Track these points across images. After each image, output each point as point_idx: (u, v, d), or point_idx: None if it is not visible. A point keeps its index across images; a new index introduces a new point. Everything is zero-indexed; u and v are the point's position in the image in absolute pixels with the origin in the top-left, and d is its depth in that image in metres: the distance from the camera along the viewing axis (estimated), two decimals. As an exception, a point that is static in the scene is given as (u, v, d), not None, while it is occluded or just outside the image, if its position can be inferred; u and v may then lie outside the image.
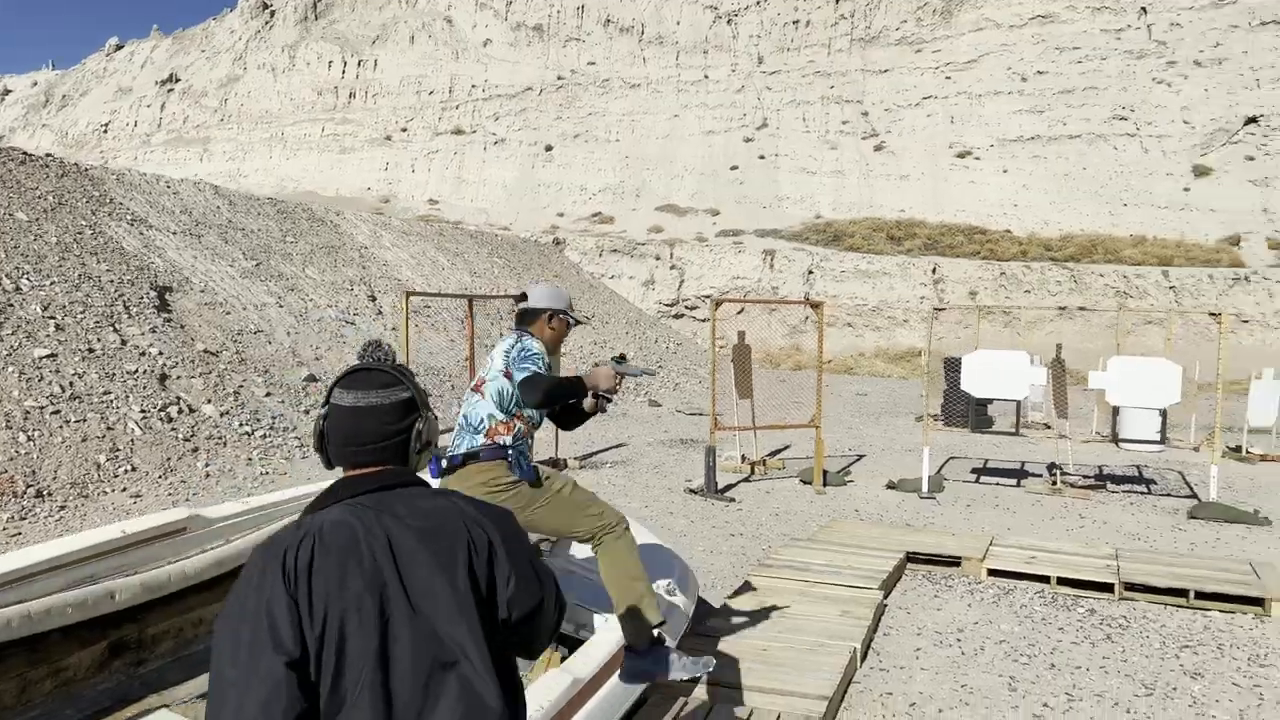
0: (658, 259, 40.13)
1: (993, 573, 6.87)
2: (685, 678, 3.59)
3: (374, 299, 18.35)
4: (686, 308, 38.98)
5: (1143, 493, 10.49)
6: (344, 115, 53.91)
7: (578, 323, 3.89)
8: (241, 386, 12.51)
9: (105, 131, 57.96)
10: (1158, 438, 11.53)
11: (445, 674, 1.59)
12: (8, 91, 72.99)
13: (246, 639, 1.52)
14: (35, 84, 71.56)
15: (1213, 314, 9.34)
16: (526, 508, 3.44)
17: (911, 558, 7.17)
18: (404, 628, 1.59)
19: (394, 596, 1.60)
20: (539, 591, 1.74)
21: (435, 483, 3.31)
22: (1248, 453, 12.96)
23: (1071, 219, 39.38)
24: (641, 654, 3.50)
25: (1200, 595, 6.33)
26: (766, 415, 16.02)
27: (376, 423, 1.76)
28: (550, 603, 1.78)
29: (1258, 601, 6.23)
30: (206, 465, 10.26)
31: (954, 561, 7.04)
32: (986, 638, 5.67)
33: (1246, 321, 31.96)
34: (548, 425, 3.99)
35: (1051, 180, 41.04)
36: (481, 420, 3.45)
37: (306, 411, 12.74)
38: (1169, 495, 10.37)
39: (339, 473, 1.80)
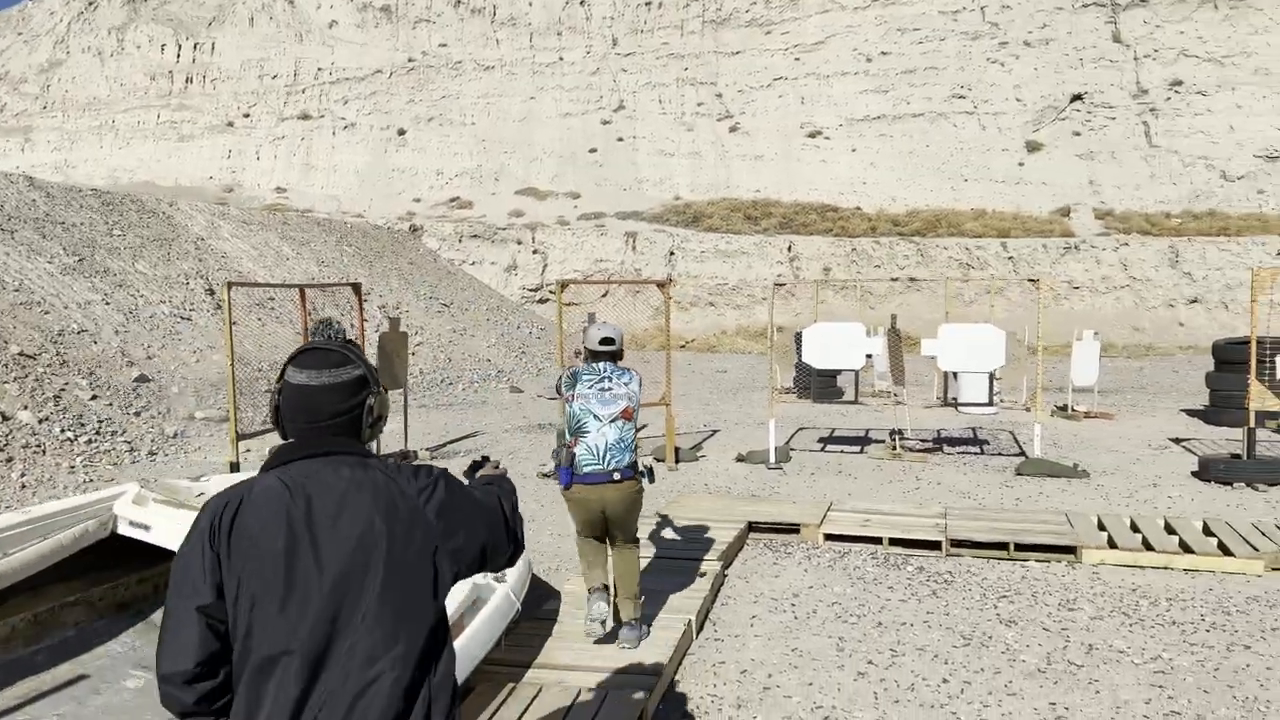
0: (519, 243, 39.75)
1: (829, 537, 7.06)
2: (635, 643, 4.77)
3: (212, 293, 17.49)
4: (551, 292, 38.69)
5: (976, 453, 11.00)
6: (181, 101, 51.16)
7: None
8: (63, 390, 11.72)
9: (-88, 121, 53.29)
10: (988, 400, 12.12)
11: (345, 632, 1.81)
12: None
13: (178, 583, 1.83)
14: None
15: (1032, 280, 9.83)
16: (639, 500, 4.86)
17: (753, 527, 7.30)
18: (308, 581, 1.81)
19: (303, 552, 1.81)
20: (482, 531, 2.00)
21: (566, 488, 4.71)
22: (1073, 411, 13.76)
23: (917, 195, 40.90)
24: (633, 626, 4.79)
25: (1019, 547, 6.66)
26: (624, 396, 16.08)
27: (330, 401, 1.94)
28: (497, 536, 2.04)
29: (1070, 550, 6.59)
30: (22, 475, 9.57)
31: (793, 529, 7.20)
32: (820, 601, 5.82)
33: (1077, 288, 33.97)
34: (396, 417, 4.45)
35: (897, 158, 42.50)
36: (632, 441, 4.71)
37: (137, 414, 12.05)
38: (1000, 454, 10.91)
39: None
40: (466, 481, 2.20)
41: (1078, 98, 41.02)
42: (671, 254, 38.56)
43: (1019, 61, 42.15)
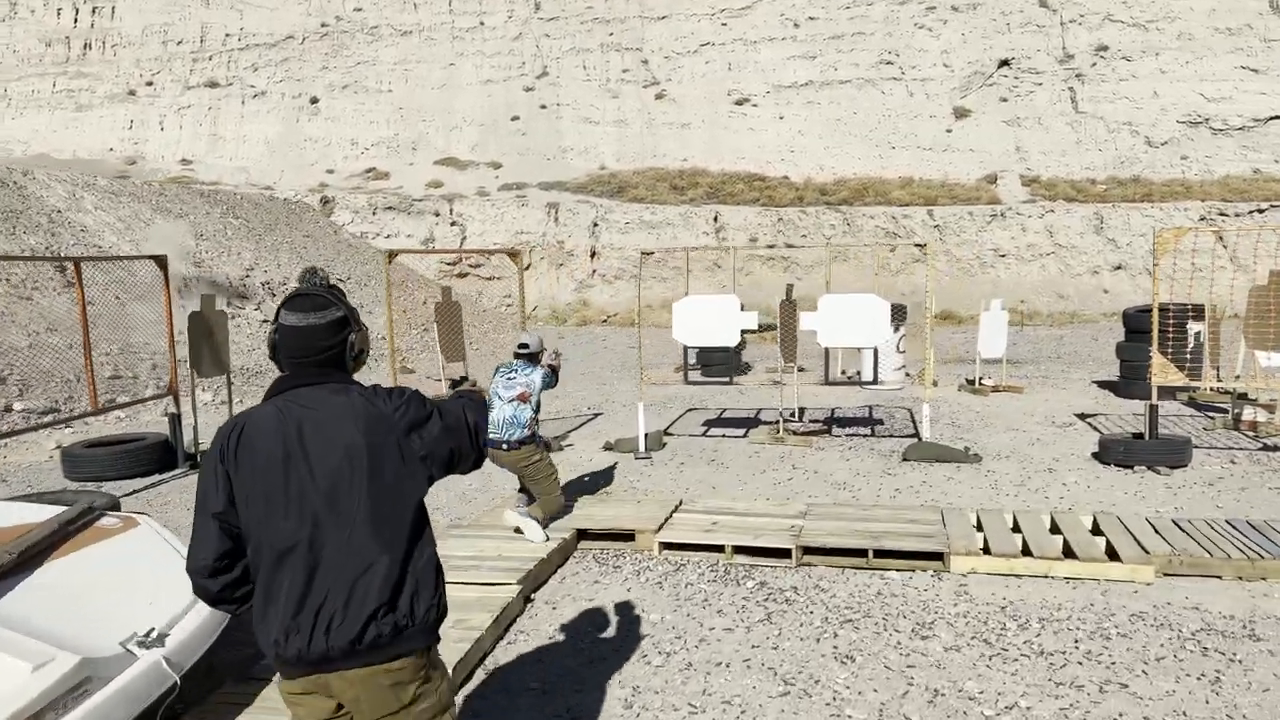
0: (437, 215, 38.30)
1: (667, 546, 6.05)
2: (540, 536, 5.94)
3: (64, 269, 15.96)
4: (470, 266, 37.44)
5: (866, 434, 10.10)
6: (79, 69, 48.41)
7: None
8: None
9: None
10: (873, 378, 11.17)
11: (339, 529, 2.24)
12: None
13: (200, 499, 2.30)
14: None
15: (919, 245, 8.92)
16: (542, 464, 6.16)
17: (584, 535, 6.27)
18: (303, 489, 2.25)
19: (297, 465, 2.25)
20: (448, 442, 2.41)
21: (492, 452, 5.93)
22: (980, 384, 12.97)
23: (844, 163, 40.21)
24: (528, 518, 5.99)
25: (880, 554, 5.73)
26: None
27: (317, 338, 2.33)
28: (463, 446, 2.45)
29: (937, 556, 5.67)
30: None
31: (628, 536, 6.18)
32: (629, 634, 4.81)
33: (1004, 256, 33.56)
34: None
35: (825, 125, 41.72)
36: (528, 421, 6.07)
37: (-62, 407, 10.66)
38: (892, 435, 10.02)
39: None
40: (448, 396, 2.61)
41: (1005, 63, 40.49)
42: (595, 225, 37.43)
43: (946, 27, 41.50)
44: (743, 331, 9.18)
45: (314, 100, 45.94)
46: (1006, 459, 8.74)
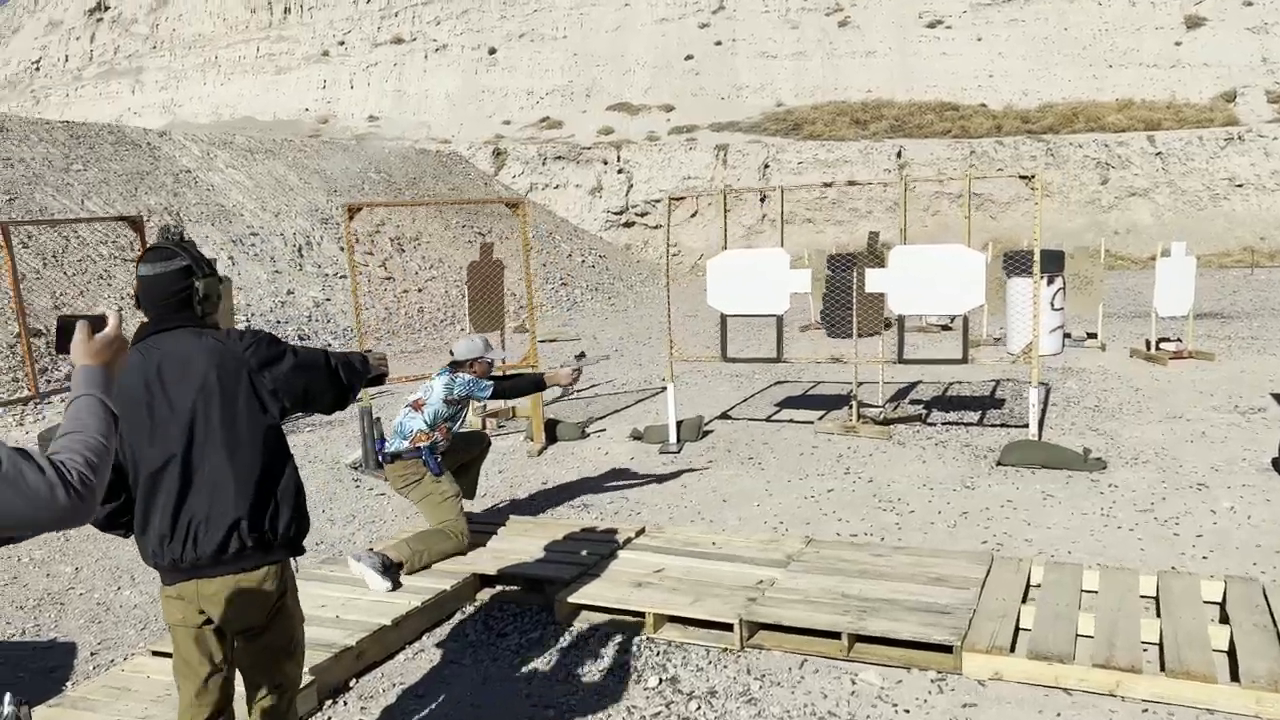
0: (605, 164, 37.28)
1: (578, 607, 4.44)
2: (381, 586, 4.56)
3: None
4: (636, 215, 36.32)
5: (973, 422, 7.95)
6: (279, 33, 50.61)
7: (491, 363, 5.42)
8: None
9: (37, 69, 55.01)
10: (960, 355, 8.80)
11: (199, 454, 2.48)
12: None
13: None
14: (-23, 25, 68.24)
15: (1024, 177, 6.71)
16: (419, 487, 5.03)
17: (488, 581, 4.77)
18: (165, 420, 2.48)
19: (158, 400, 2.48)
20: (301, 379, 2.60)
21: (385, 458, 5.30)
22: (1156, 350, 10.33)
23: (1052, 87, 35.89)
24: (388, 568, 4.61)
25: (861, 640, 3.90)
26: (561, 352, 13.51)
27: (164, 285, 2.51)
28: (317, 384, 2.65)
29: (946, 649, 3.78)
30: None
31: (538, 587, 4.63)
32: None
33: (1240, 186, 28.87)
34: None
35: (1030, 45, 37.36)
36: (413, 433, 5.06)
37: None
38: (1006, 425, 7.82)
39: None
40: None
41: (1253, -42, 34.64)
42: (765, 166, 35.33)
43: (1180, -81, 35.95)
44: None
45: (492, 51, 45.86)
46: (1144, 465, 6.45)
